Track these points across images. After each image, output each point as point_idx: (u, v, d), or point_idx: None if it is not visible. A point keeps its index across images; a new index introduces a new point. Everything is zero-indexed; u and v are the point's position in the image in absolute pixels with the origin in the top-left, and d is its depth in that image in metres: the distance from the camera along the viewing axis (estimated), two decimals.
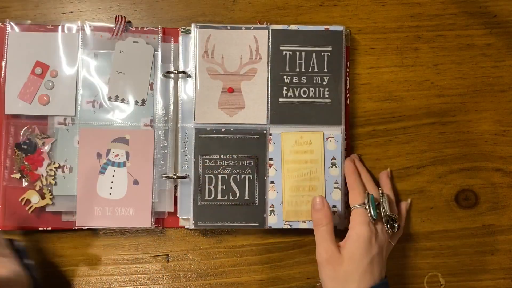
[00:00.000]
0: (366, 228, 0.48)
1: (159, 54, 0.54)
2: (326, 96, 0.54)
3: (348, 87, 0.56)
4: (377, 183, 0.55)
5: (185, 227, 0.55)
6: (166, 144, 0.54)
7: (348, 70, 0.56)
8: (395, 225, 0.50)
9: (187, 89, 0.55)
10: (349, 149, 0.57)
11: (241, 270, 0.56)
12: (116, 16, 0.55)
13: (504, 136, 0.58)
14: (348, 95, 0.56)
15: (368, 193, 0.50)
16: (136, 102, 0.54)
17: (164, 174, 0.54)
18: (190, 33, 0.55)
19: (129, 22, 0.56)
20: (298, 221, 0.53)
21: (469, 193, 0.57)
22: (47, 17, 0.56)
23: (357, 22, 0.58)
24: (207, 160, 0.54)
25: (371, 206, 0.48)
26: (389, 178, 0.56)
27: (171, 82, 0.54)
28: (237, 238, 0.56)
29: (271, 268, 0.56)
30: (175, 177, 0.53)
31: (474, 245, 0.57)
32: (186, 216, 0.54)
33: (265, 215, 0.53)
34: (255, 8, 0.57)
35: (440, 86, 0.58)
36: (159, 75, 0.54)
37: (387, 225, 0.49)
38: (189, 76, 0.54)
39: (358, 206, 0.49)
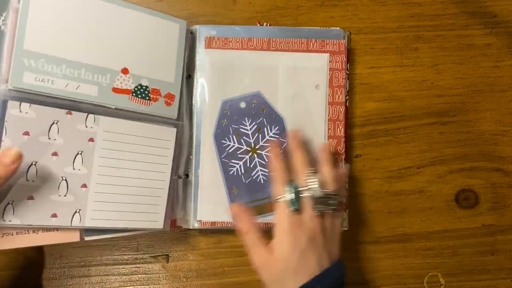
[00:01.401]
0: (285, 222, 0.45)
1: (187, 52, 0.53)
2: None
3: (347, 88, 0.56)
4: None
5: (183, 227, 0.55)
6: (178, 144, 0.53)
7: (348, 71, 0.56)
8: (333, 202, 0.46)
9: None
10: (348, 149, 0.57)
11: (241, 270, 0.56)
12: None
13: (504, 136, 0.58)
14: (347, 96, 0.56)
15: (289, 182, 0.46)
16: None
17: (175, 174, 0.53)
18: (192, 33, 0.54)
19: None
20: None
21: (469, 193, 0.57)
22: None
23: (357, 22, 0.58)
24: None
25: (288, 196, 0.46)
26: (325, 151, 0.50)
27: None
28: (237, 238, 0.56)
29: None
30: (181, 177, 0.53)
31: (474, 245, 0.57)
32: (187, 220, 0.54)
33: None
34: (255, 8, 0.57)
35: (440, 86, 0.58)
36: None
37: (323, 207, 0.45)
38: (189, 76, 0.54)
39: (278, 199, 0.47)
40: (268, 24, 0.56)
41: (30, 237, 0.47)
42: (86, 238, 0.49)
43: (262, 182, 0.54)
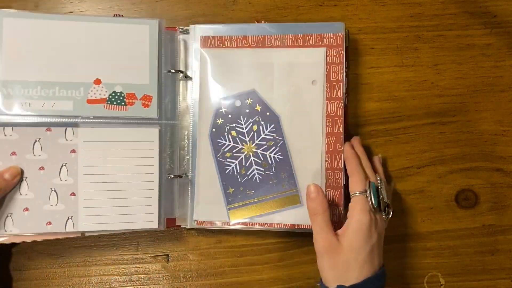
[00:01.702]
0: (367, 216, 0.47)
1: (162, 51, 0.53)
2: None
3: (347, 87, 0.56)
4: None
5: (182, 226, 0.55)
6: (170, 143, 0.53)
7: (347, 69, 0.56)
8: (391, 211, 0.49)
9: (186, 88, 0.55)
10: None
11: (241, 270, 0.56)
12: (114, 15, 0.55)
13: (504, 136, 0.58)
14: (347, 95, 0.56)
15: (369, 181, 0.49)
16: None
17: (169, 174, 0.53)
18: (188, 32, 0.54)
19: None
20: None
21: (469, 193, 0.57)
22: None
23: (357, 22, 0.58)
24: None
25: (372, 194, 0.47)
26: (381, 163, 0.55)
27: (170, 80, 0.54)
28: (237, 238, 0.56)
29: (271, 268, 0.56)
30: (180, 176, 0.53)
31: (474, 245, 0.57)
32: (187, 220, 0.54)
33: None
34: (255, 8, 0.57)
35: (440, 86, 0.58)
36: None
37: (385, 213, 0.49)
38: (188, 76, 0.54)
39: (357, 194, 0.48)
40: (265, 22, 0.56)
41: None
42: (87, 234, 0.51)
43: (258, 181, 0.53)
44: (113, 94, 0.51)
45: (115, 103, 0.51)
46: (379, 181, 0.49)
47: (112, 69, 0.51)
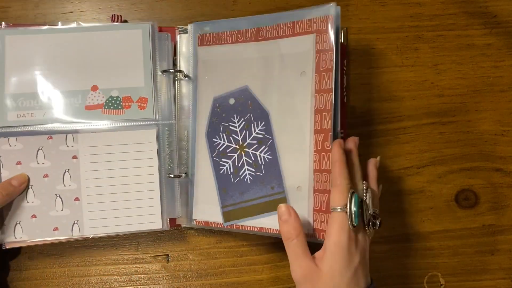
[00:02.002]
0: (345, 237, 0.41)
1: (157, 52, 0.53)
2: None
3: (345, 85, 0.56)
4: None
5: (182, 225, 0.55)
6: (169, 142, 0.53)
7: (345, 68, 0.56)
8: (377, 222, 0.44)
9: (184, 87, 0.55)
10: None
11: (241, 270, 0.56)
12: (113, 15, 0.55)
13: (504, 136, 0.58)
14: (345, 93, 0.56)
15: (352, 193, 0.42)
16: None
17: (169, 174, 0.53)
18: (187, 32, 0.54)
19: (126, 21, 0.55)
20: None
21: (469, 193, 0.57)
22: (47, 17, 0.56)
23: (357, 22, 0.58)
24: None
25: (353, 210, 0.41)
26: (376, 168, 0.48)
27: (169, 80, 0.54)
28: (237, 238, 0.56)
29: (271, 268, 0.56)
30: (180, 176, 0.53)
31: (474, 245, 0.57)
32: (187, 220, 0.54)
33: None
34: (255, 8, 0.57)
35: (440, 86, 0.58)
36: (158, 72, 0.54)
37: (369, 226, 0.43)
38: (187, 76, 0.54)
39: (339, 210, 0.42)
40: None
41: None
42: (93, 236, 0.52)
43: (249, 182, 0.51)
44: (110, 99, 0.52)
45: (112, 107, 0.52)
46: (365, 191, 0.44)
47: (107, 75, 0.52)
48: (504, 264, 0.57)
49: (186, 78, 0.54)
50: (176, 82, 0.54)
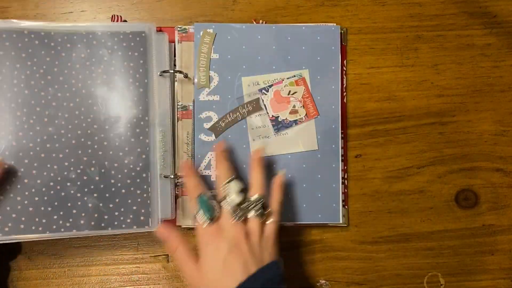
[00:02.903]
0: (204, 235, 0.46)
1: (154, 52, 0.53)
2: None
3: (344, 85, 0.56)
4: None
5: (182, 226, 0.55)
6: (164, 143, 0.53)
7: (345, 68, 0.56)
8: (258, 207, 0.46)
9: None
10: (346, 149, 0.57)
11: None
12: (112, 16, 0.55)
13: (504, 136, 0.58)
14: (345, 93, 0.56)
15: (198, 195, 0.47)
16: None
17: (163, 174, 0.53)
18: (186, 32, 0.54)
19: (125, 21, 0.55)
20: None
21: (469, 193, 0.57)
22: (47, 17, 0.56)
23: (357, 22, 0.58)
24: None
25: (198, 209, 0.46)
26: (257, 157, 0.50)
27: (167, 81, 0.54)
28: None
29: None
30: (172, 177, 0.53)
31: (474, 245, 0.57)
32: (187, 220, 0.54)
33: None
34: (255, 8, 0.57)
35: (440, 86, 0.58)
36: (155, 73, 0.53)
37: (243, 213, 0.46)
38: (186, 76, 0.54)
39: (195, 215, 0.47)
40: (264, 22, 0.56)
41: None
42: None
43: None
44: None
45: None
46: (228, 182, 0.47)
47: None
48: (504, 264, 0.57)
49: (186, 79, 0.54)
50: (176, 83, 0.54)
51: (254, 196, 0.47)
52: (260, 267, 0.44)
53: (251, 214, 0.47)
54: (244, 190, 0.48)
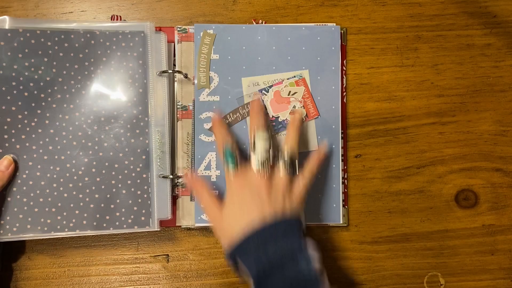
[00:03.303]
0: (227, 183, 0.49)
1: (152, 52, 0.53)
2: None
3: (344, 85, 0.56)
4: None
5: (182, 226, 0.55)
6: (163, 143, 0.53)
7: (345, 68, 0.56)
8: (284, 163, 0.48)
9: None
10: (346, 149, 0.57)
11: None
12: (112, 16, 0.55)
13: (504, 136, 0.58)
14: (344, 93, 0.56)
15: (224, 147, 0.49)
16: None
17: (161, 174, 0.53)
18: (186, 32, 0.54)
19: (125, 21, 0.55)
20: None
21: (469, 193, 0.57)
22: (47, 17, 0.56)
23: (357, 22, 0.58)
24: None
25: (227, 161, 0.49)
26: (297, 118, 0.52)
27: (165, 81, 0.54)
28: None
29: None
30: (171, 177, 0.53)
31: (474, 245, 0.57)
32: (187, 220, 0.54)
33: None
34: (255, 8, 0.57)
35: (440, 86, 0.58)
36: (154, 73, 0.53)
37: (266, 165, 0.48)
38: (186, 76, 0.54)
39: (223, 164, 0.50)
40: (264, 22, 0.56)
41: None
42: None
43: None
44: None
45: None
46: (259, 134, 0.49)
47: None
48: (504, 264, 0.57)
49: (186, 79, 0.54)
50: (176, 83, 0.54)
51: (284, 149, 0.49)
52: (277, 219, 0.45)
53: (279, 166, 0.49)
54: (275, 147, 0.50)
